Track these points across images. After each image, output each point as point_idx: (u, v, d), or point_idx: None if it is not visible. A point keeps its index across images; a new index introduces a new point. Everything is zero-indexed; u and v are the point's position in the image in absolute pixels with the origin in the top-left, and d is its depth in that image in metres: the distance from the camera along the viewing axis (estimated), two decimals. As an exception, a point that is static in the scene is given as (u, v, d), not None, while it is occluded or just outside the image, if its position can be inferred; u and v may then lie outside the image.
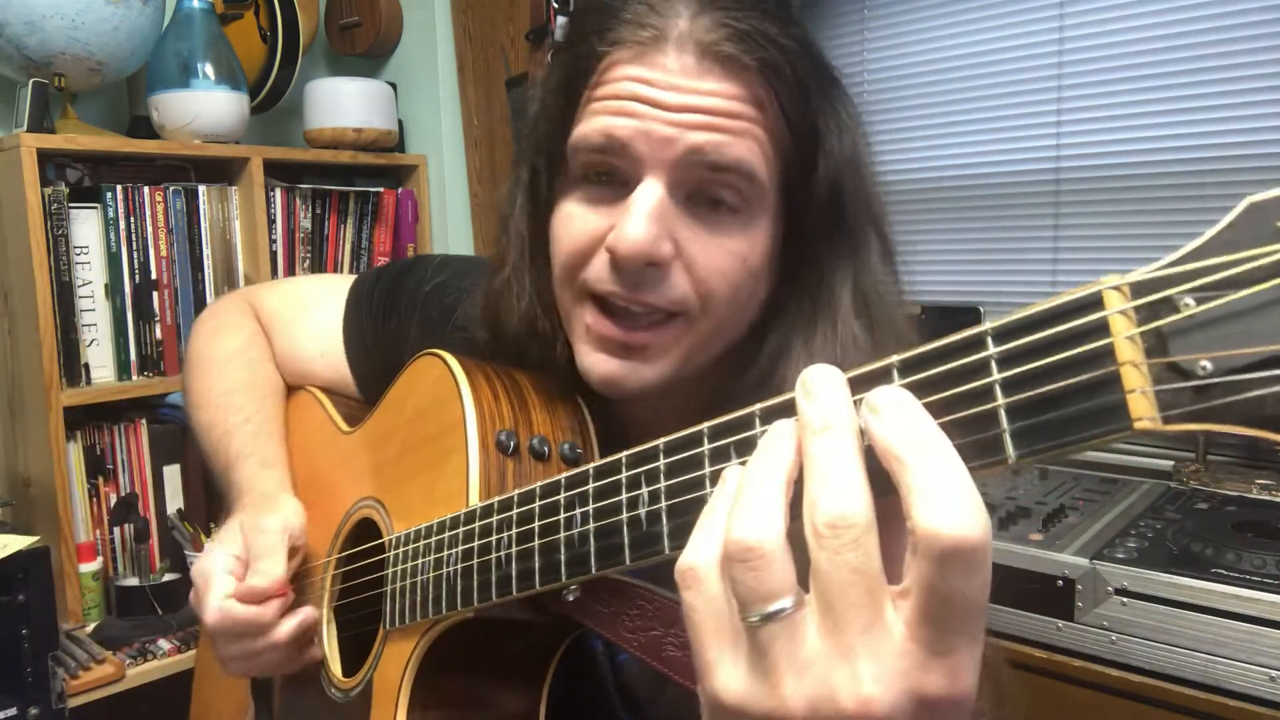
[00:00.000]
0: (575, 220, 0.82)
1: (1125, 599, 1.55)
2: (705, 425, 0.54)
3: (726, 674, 0.45)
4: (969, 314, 2.26)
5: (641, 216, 0.76)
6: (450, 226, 2.80)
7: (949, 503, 0.40)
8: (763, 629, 0.43)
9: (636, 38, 0.78)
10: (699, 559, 0.46)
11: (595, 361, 0.83)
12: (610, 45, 0.79)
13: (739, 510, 0.44)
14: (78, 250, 2.20)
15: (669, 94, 0.76)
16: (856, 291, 0.83)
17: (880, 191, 0.88)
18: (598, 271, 0.80)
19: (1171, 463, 2.06)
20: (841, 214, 0.83)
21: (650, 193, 0.77)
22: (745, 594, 0.43)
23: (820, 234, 0.83)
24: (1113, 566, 1.58)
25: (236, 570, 0.95)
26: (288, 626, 0.95)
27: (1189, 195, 2.14)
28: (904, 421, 0.42)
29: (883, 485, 0.43)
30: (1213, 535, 1.63)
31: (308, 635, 0.97)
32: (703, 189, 0.78)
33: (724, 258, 0.79)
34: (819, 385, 0.45)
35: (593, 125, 0.79)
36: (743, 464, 0.47)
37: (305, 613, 0.96)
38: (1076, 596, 1.60)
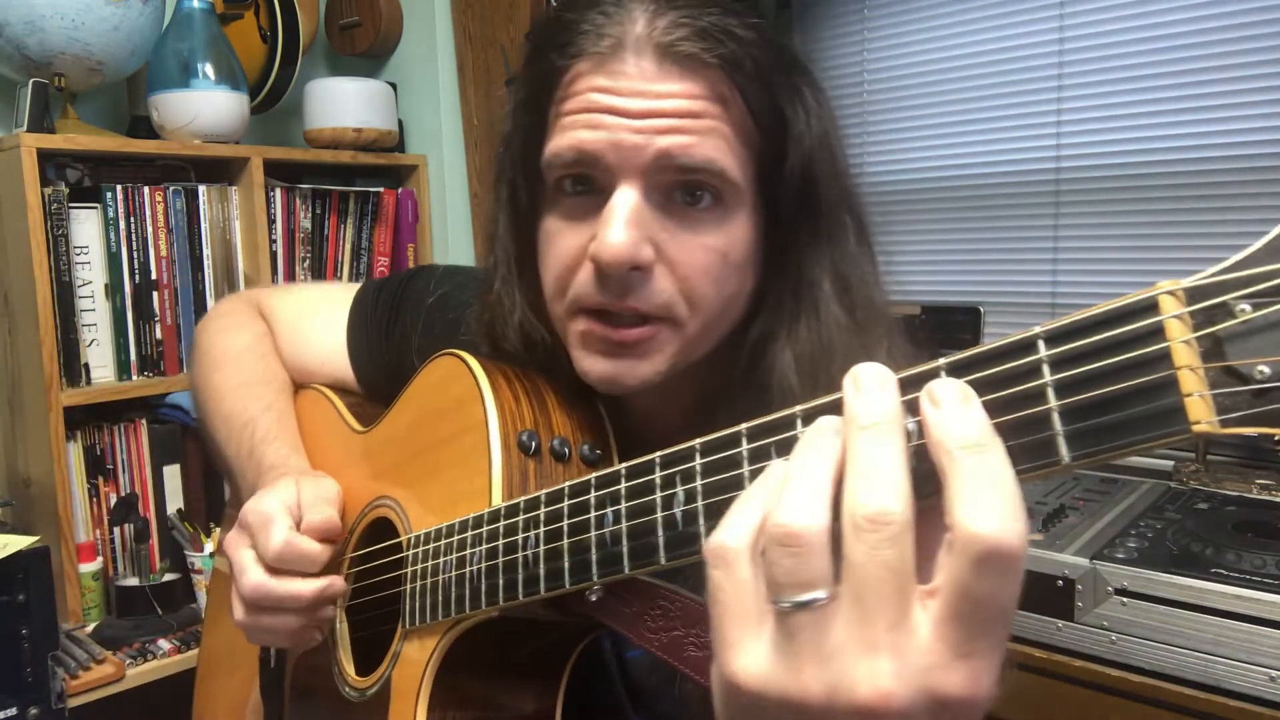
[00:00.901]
0: (558, 237, 0.84)
1: (1125, 599, 1.56)
2: (744, 426, 0.54)
3: (748, 656, 0.45)
4: (969, 314, 2.27)
5: (620, 223, 0.77)
6: (450, 226, 2.80)
7: (992, 507, 0.40)
8: (793, 616, 0.44)
9: (596, 48, 0.78)
10: (732, 539, 0.47)
11: (592, 364, 0.84)
12: (571, 58, 0.80)
13: (786, 497, 0.45)
14: (78, 250, 2.19)
15: (632, 100, 0.77)
16: (836, 276, 0.84)
17: (853, 174, 0.88)
18: (584, 284, 0.81)
19: (1171, 463, 2.07)
20: (816, 200, 0.83)
21: (625, 199, 0.78)
22: (782, 579, 0.44)
23: (797, 221, 0.83)
24: (1113, 566, 1.58)
25: (294, 513, 0.95)
26: (314, 585, 0.94)
27: (1189, 195, 2.15)
28: (963, 419, 0.43)
29: (924, 487, 0.43)
30: (1213, 535, 1.64)
31: (325, 602, 0.96)
32: (677, 190, 0.79)
33: (704, 254, 0.80)
34: (868, 381, 0.46)
35: (563, 141, 0.80)
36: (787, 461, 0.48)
37: (335, 580, 0.96)
38: (1076, 596, 1.60)
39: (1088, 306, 0.43)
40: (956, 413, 0.43)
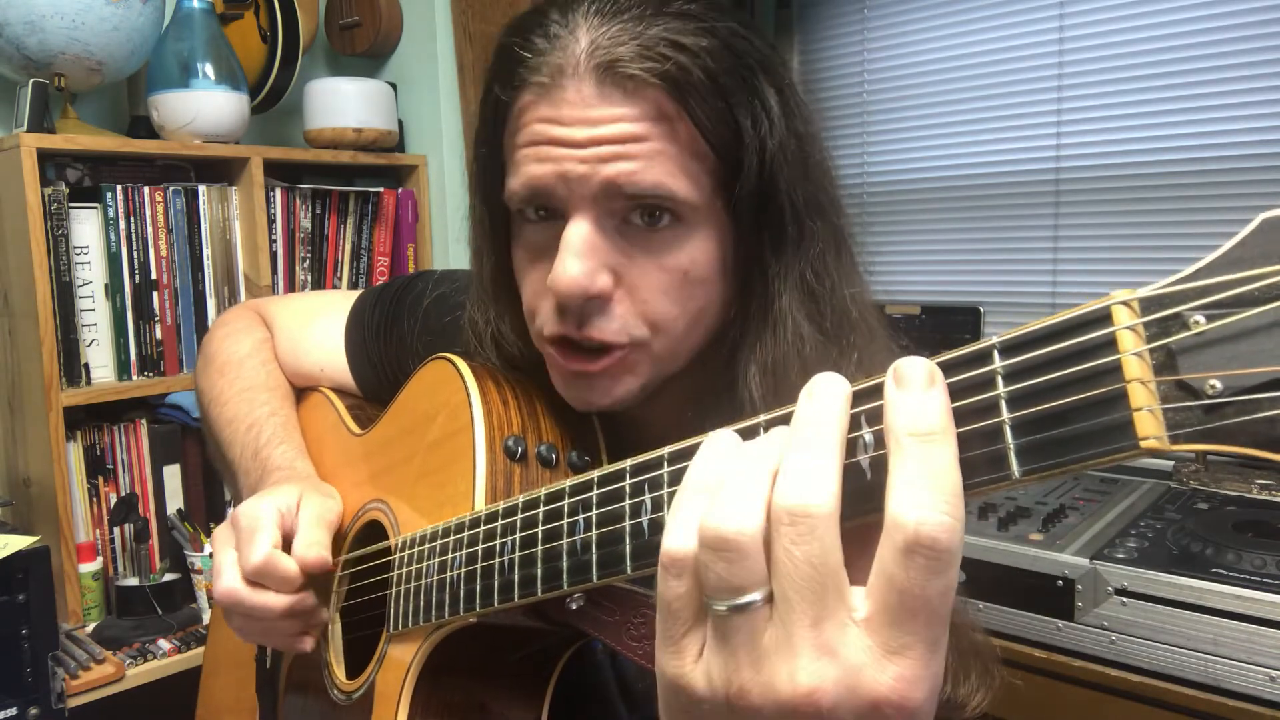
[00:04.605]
0: (524, 270, 0.85)
1: (1125, 599, 1.56)
2: (709, 434, 0.54)
3: (687, 660, 0.46)
4: (969, 314, 2.27)
5: (571, 256, 0.76)
6: (450, 226, 2.79)
7: (925, 496, 0.40)
8: (728, 619, 0.44)
9: (538, 78, 0.77)
10: (684, 543, 0.46)
11: (565, 390, 0.85)
12: (516, 90, 0.79)
13: (719, 501, 0.44)
14: (78, 250, 2.19)
15: (576, 129, 0.76)
16: (803, 288, 0.82)
17: (832, 180, 0.86)
18: (547, 315, 0.81)
19: (1171, 463, 2.06)
20: (779, 208, 0.80)
21: (577, 231, 0.77)
22: (715, 583, 0.44)
23: (759, 230, 0.81)
24: (1113, 566, 1.58)
25: (282, 525, 0.95)
26: (285, 600, 0.94)
27: (1189, 195, 2.15)
28: (918, 405, 0.42)
29: (879, 499, 0.43)
30: (1213, 535, 1.64)
31: (298, 615, 0.96)
32: (634, 212, 0.78)
33: (663, 276, 0.79)
34: (820, 389, 0.46)
35: (517, 178, 0.80)
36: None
37: (306, 596, 0.96)
38: (1076, 596, 1.60)
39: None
40: (914, 397, 0.43)
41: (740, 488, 0.44)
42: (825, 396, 0.45)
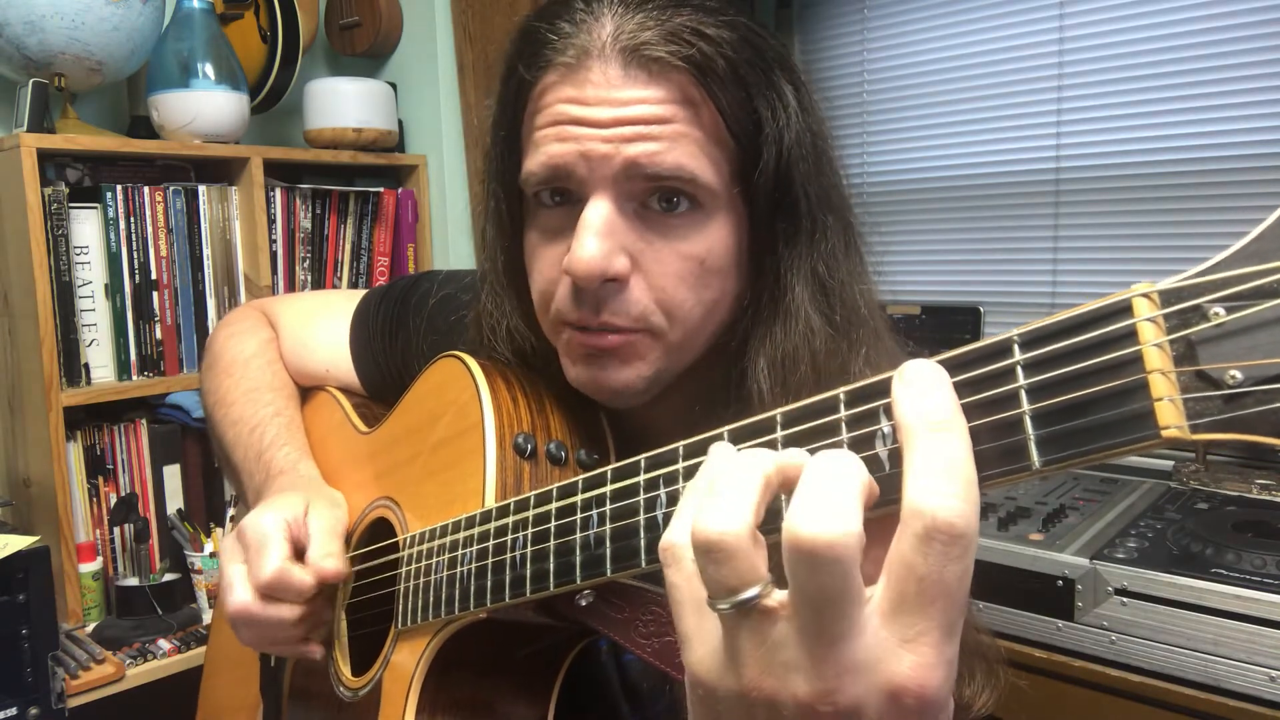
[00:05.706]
0: (538, 254, 0.84)
1: (1125, 599, 1.56)
2: (725, 429, 0.54)
3: (700, 652, 0.46)
4: (969, 314, 2.27)
5: (590, 236, 0.76)
6: (450, 226, 2.79)
7: (941, 484, 0.41)
8: (732, 617, 0.44)
9: (562, 59, 0.78)
10: (679, 537, 0.47)
11: (576, 371, 0.84)
12: (539, 71, 0.80)
13: (709, 498, 0.45)
14: (78, 250, 2.19)
15: (599, 109, 0.76)
16: (814, 279, 0.82)
17: (842, 175, 0.87)
18: (563, 299, 0.81)
19: (1171, 463, 2.07)
20: (794, 201, 0.81)
21: (597, 211, 0.77)
22: (711, 584, 0.44)
23: (773, 223, 0.82)
24: (1113, 566, 1.58)
25: (290, 535, 0.95)
26: (298, 611, 0.94)
27: (1189, 195, 2.16)
28: (927, 398, 0.43)
29: (891, 492, 0.43)
30: (1213, 535, 1.64)
31: (311, 624, 0.96)
32: (652, 197, 0.78)
33: (679, 263, 0.79)
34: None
35: (536, 158, 0.79)
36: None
37: (318, 605, 0.96)
38: (1076, 596, 1.60)
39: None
40: (923, 392, 0.43)
41: (727, 490, 0.45)
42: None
